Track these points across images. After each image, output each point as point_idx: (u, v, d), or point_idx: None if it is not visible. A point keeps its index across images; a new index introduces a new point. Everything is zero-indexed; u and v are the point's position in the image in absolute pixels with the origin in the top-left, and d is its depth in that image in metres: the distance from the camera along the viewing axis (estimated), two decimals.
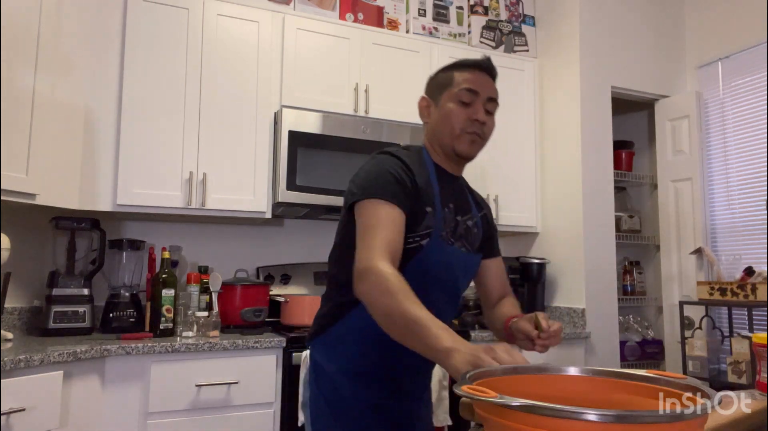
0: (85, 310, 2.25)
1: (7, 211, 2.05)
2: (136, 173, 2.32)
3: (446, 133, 1.28)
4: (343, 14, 2.93)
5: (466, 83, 1.26)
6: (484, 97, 1.27)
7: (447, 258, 1.25)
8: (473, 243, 1.34)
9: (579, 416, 0.51)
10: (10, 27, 1.86)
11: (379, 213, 1.15)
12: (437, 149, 1.33)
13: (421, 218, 1.21)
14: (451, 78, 1.29)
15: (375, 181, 1.19)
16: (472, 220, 1.35)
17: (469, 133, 1.26)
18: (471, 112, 1.26)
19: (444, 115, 1.28)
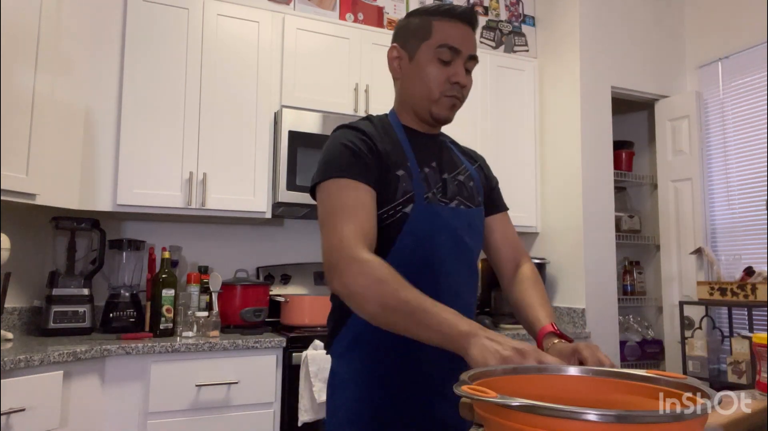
0: (85, 310, 2.25)
1: (7, 210, 2.05)
2: (136, 173, 2.32)
3: (423, 95, 1.13)
4: (343, 14, 2.93)
5: (449, 39, 1.10)
6: (466, 55, 1.12)
7: (444, 220, 1.11)
8: (472, 198, 1.20)
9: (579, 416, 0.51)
10: (10, 27, 1.86)
11: (342, 194, 1.03)
12: (408, 111, 1.18)
13: (394, 184, 1.08)
14: (429, 28, 1.12)
15: (331, 159, 1.07)
16: (464, 174, 1.21)
17: (449, 96, 1.13)
18: (451, 72, 1.11)
19: (420, 74, 1.12)
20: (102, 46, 2.33)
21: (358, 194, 1.03)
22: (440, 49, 1.10)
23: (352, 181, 1.04)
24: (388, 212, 1.08)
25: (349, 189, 1.03)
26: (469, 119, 2.90)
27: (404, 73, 1.16)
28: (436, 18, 1.12)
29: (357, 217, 1.00)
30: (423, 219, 1.09)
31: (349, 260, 0.94)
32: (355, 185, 1.04)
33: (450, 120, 1.18)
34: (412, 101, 1.17)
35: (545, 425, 0.53)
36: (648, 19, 3.22)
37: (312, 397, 2.08)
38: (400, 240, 1.07)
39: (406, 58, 1.15)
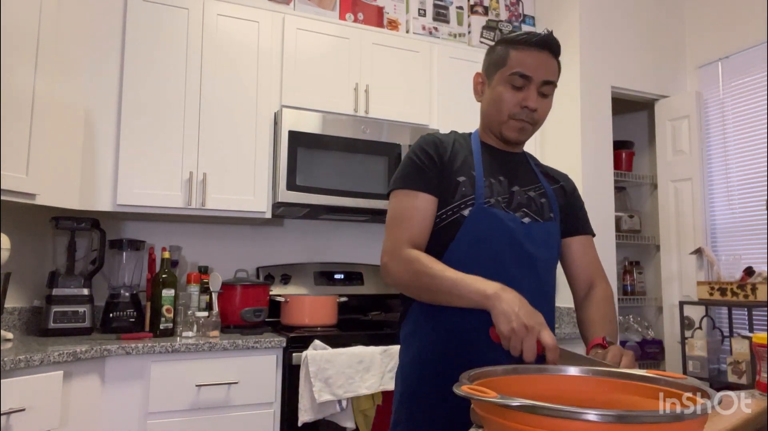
0: (85, 310, 2.25)
1: (7, 210, 2.05)
2: (136, 173, 2.32)
3: (494, 117, 1.24)
4: (343, 14, 2.93)
5: (520, 66, 1.19)
6: (539, 81, 1.20)
7: (503, 224, 1.18)
8: (541, 212, 1.25)
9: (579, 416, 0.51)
10: (10, 27, 1.86)
11: (402, 204, 1.19)
12: (486, 130, 1.30)
13: (454, 188, 1.19)
14: (505, 57, 1.22)
15: (400, 171, 1.23)
16: (537, 191, 1.27)
17: (518, 120, 1.22)
18: (522, 97, 1.20)
19: (494, 98, 1.23)
20: (102, 46, 2.33)
21: (415, 202, 1.18)
22: (512, 76, 1.20)
23: (411, 191, 1.19)
24: (447, 213, 1.19)
25: (408, 198, 1.19)
26: (468, 119, 2.89)
27: (484, 96, 1.28)
28: (513, 46, 1.22)
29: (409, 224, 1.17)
30: (480, 221, 1.17)
31: (394, 258, 1.14)
32: (414, 194, 1.19)
33: (521, 142, 1.27)
34: (487, 122, 1.28)
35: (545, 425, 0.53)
36: (648, 19, 3.22)
37: (312, 397, 2.08)
38: (457, 240, 1.17)
39: (486, 84, 1.27)
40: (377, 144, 2.64)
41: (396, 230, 1.17)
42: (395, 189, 1.22)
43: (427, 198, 1.19)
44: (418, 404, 1.18)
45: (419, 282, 1.11)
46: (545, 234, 1.24)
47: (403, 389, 1.23)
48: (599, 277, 1.33)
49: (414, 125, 2.78)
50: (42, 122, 1.99)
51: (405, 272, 1.12)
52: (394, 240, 1.16)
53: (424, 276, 1.09)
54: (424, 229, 1.18)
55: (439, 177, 1.20)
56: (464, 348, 1.15)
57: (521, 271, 1.18)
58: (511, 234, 1.18)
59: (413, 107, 2.84)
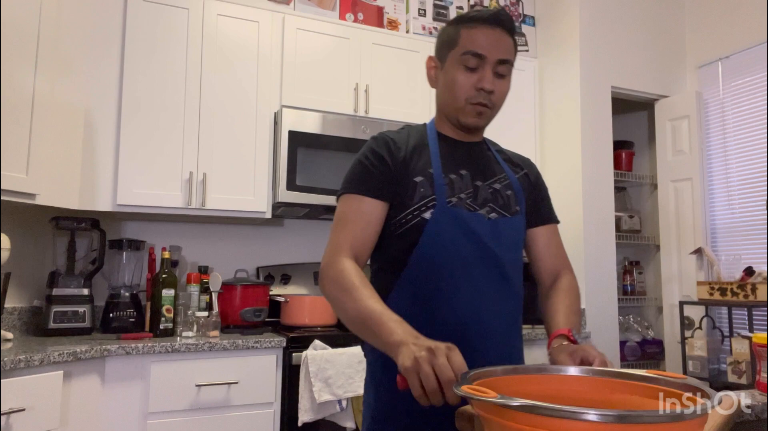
0: (85, 310, 2.25)
1: (7, 211, 2.05)
2: (136, 173, 2.32)
3: (449, 103, 1.16)
4: (343, 14, 2.93)
5: (473, 45, 1.11)
6: (493, 60, 1.11)
7: (467, 225, 1.10)
8: (508, 206, 1.17)
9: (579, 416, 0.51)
10: (10, 27, 1.86)
11: (346, 208, 1.11)
12: (443, 119, 1.21)
13: (412, 190, 1.11)
14: (456, 36, 1.13)
15: (348, 175, 1.15)
16: (502, 182, 1.19)
17: (474, 104, 1.13)
18: (477, 79, 1.11)
19: (448, 82, 1.14)
20: (102, 46, 2.33)
21: (360, 206, 1.10)
22: (464, 56, 1.11)
23: (357, 195, 1.10)
24: (407, 217, 1.11)
25: (353, 202, 1.10)
26: None
27: (438, 82, 1.19)
28: (463, 25, 1.13)
29: (351, 229, 1.08)
30: (442, 223, 1.09)
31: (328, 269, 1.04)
32: (360, 199, 1.10)
33: (480, 127, 1.19)
34: (443, 109, 1.20)
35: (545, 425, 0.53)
36: (648, 19, 3.22)
37: (312, 397, 2.08)
38: (420, 245, 1.09)
39: (439, 68, 1.18)
40: None
41: (337, 234, 1.08)
42: (342, 194, 1.13)
43: (373, 203, 1.10)
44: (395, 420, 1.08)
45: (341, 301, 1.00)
46: (512, 230, 1.17)
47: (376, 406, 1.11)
48: (565, 267, 1.27)
49: None
50: (42, 122, 1.99)
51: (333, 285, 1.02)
52: (333, 245, 1.07)
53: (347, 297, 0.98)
54: (368, 236, 1.10)
55: (391, 180, 1.12)
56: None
57: (488, 274, 1.11)
58: (477, 237, 1.10)
59: (413, 107, 2.84)
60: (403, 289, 1.10)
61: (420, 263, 1.09)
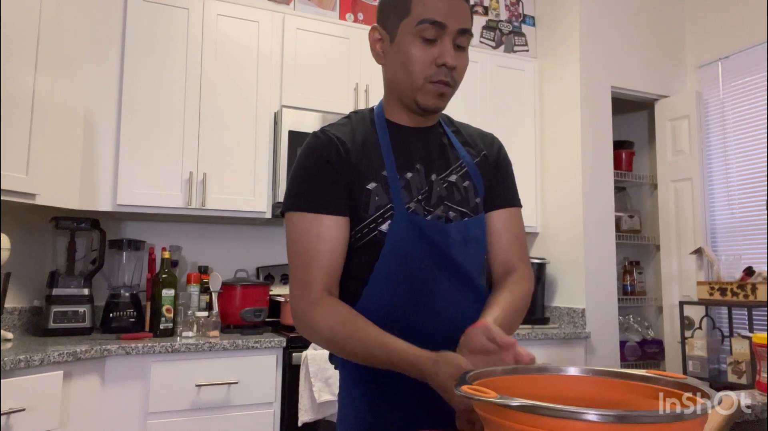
0: (85, 310, 2.25)
1: (7, 210, 2.05)
2: (136, 173, 2.32)
3: (405, 82, 0.97)
4: (343, 14, 2.93)
5: (431, 12, 0.93)
6: (454, 30, 0.94)
7: (425, 237, 0.97)
8: (466, 201, 1.04)
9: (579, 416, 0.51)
10: (10, 27, 1.86)
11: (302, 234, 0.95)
12: (394, 101, 1.03)
13: (365, 200, 0.97)
14: (408, 3, 0.95)
15: (293, 187, 0.99)
16: (458, 172, 1.05)
17: (435, 82, 0.96)
18: (437, 52, 0.94)
19: (402, 58, 0.96)
20: (102, 46, 2.33)
21: (319, 230, 0.95)
22: (421, 25, 0.93)
23: (310, 214, 0.95)
24: (362, 231, 0.97)
25: (309, 224, 0.95)
26: (468, 119, 2.89)
27: (386, 57, 1.00)
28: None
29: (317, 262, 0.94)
30: (401, 236, 0.96)
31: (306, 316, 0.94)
32: (316, 219, 0.95)
33: (440, 109, 1.01)
34: (396, 90, 1.01)
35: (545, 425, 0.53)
36: (648, 19, 3.22)
37: (312, 397, 2.08)
38: (382, 259, 0.96)
39: (387, 40, 1.00)
40: None
41: (304, 272, 0.95)
42: (292, 210, 0.97)
43: (333, 221, 0.95)
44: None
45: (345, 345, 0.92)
46: (475, 230, 1.04)
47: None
48: (519, 259, 1.09)
49: None
50: (42, 122, 1.99)
51: (328, 329, 0.92)
52: (304, 287, 0.94)
53: (352, 341, 0.90)
54: (336, 263, 0.96)
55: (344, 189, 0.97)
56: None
57: (455, 285, 1.01)
58: (437, 247, 0.98)
59: None
60: (370, 303, 0.98)
61: (381, 280, 0.97)
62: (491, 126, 1.20)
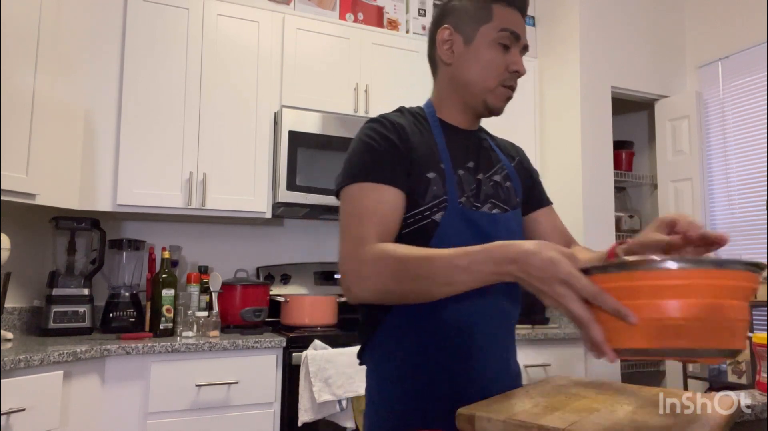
0: (85, 310, 2.25)
1: (7, 210, 2.05)
2: (136, 173, 2.32)
3: (479, 82, 1.04)
4: (343, 14, 2.93)
5: (509, 23, 1.03)
6: (522, 44, 1.06)
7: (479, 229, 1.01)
8: (508, 200, 1.10)
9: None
10: (10, 27, 1.86)
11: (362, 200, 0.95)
12: (454, 99, 1.09)
13: (424, 187, 1.00)
14: (489, 11, 1.04)
15: (353, 160, 1.00)
16: (501, 173, 1.12)
17: (506, 86, 1.06)
18: (510, 60, 1.04)
19: (479, 59, 1.04)
20: (102, 46, 2.33)
21: (379, 195, 0.95)
22: (502, 32, 1.03)
23: (374, 184, 0.96)
24: (415, 217, 1.00)
25: (371, 192, 0.95)
26: None
27: (457, 57, 1.06)
28: (495, 2, 1.04)
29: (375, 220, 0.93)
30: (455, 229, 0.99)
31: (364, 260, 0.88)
32: (379, 188, 0.96)
33: (501, 112, 1.09)
34: (463, 89, 1.07)
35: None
36: (648, 19, 3.22)
37: (312, 397, 2.08)
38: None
39: (460, 42, 1.06)
40: None
41: (357, 228, 0.92)
42: (351, 183, 0.97)
43: (392, 191, 0.96)
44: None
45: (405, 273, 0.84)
46: (515, 224, 1.10)
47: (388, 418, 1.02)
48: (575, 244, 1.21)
49: None
50: (42, 122, 1.99)
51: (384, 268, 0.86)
52: (355, 240, 0.91)
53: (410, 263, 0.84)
54: (393, 228, 0.96)
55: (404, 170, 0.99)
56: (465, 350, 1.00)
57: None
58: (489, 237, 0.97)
59: None
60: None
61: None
62: (491, 126, 1.21)
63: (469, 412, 0.76)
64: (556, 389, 0.92)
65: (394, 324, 1.02)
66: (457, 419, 0.77)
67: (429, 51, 1.13)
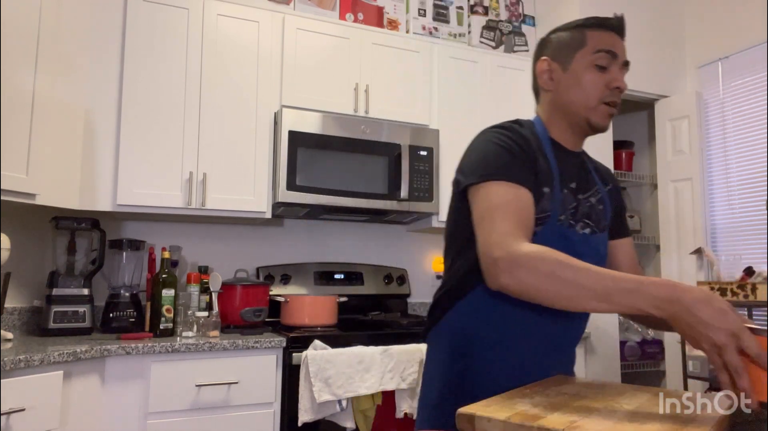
0: (85, 310, 2.25)
1: (7, 210, 2.05)
2: (136, 173, 2.32)
3: (580, 103, 1.12)
4: (343, 14, 2.94)
5: (604, 44, 1.12)
6: (621, 61, 1.13)
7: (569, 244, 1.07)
8: (599, 222, 1.17)
9: None
10: (10, 27, 1.86)
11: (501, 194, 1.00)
12: (560, 121, 1.17)
13: (537, 199, 1.05)
14: (582, 37, 1.13)
15: (490, 159, 1.05)
16: (596, 196, 1.18)
17: (607, 103, 1.12)
18: (609, 78, 1.11)
19: (578, 82, 1.12)
20: (102, 46, 2.33)
21: (518, 193, 1.01)
22: (597, 54, 1.11)
23: (512, 183, 1.01)
24: None
25: (508, 189, 1.01)
26: (468, 119, 2.90)
27: (557, 83, 1.16)
28: (588, 28, 1.14)
29: (517, 214, 0.98)
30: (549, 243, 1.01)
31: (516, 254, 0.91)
32: (518, 188, 1.01)
33: (606, 129, 1.15)
34: (567, 111, 1.15)
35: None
36: (648, 19, 3.22)
37: (312, 397, 2.08)
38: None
39: (559, 69, 1.16)
40: (377, 144, 2.64)
41: (504, 222, 0.96)
42: (491, 180, 1.02)
43: (529, 195, 1.02)
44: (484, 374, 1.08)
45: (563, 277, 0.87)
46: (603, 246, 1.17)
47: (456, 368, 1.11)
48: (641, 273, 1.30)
49: (414, 125, 2.78)
50: (42, 122, 1.99)
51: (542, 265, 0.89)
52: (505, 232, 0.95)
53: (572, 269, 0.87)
54: (531, 228, 1.01)
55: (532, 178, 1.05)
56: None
57: None
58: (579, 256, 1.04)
59: (413, 107, 2.84)
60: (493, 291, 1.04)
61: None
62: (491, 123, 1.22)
63: (469, 412, 0.76)
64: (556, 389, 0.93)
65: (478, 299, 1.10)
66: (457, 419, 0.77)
67: (533, 83, 1.25)
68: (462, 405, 0.83)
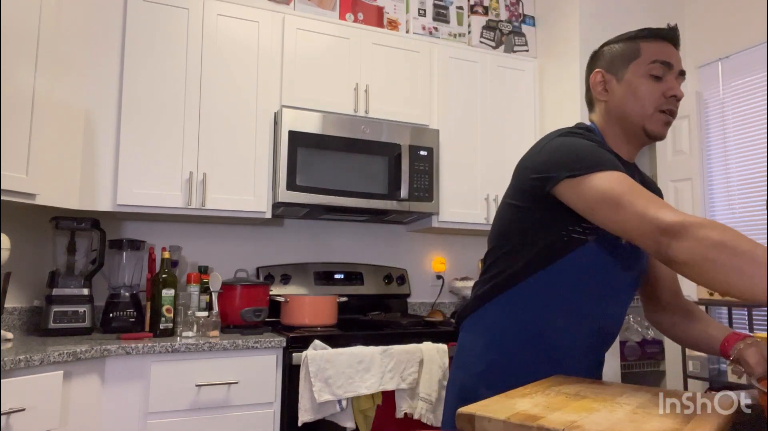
0: (85, 310, 2.25)
1: (7, 211, 2.05)
2: (136, 173, 2.32)
3: (636, 112, 1.14)
4: (343, 14, 2.93)
5: (659, 55, 1.13)
6: (677, 71, 1.15)
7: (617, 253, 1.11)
8: None
9: None
10: (10, 27, 1.86)
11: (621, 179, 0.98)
12: (616, 131, 1.19)
13: None
14: (637, 49, 1.15)
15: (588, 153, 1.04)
16: None
17: (664, 111, 1.14)
18: (665, 87, 1.13)
19: (633, 91, 1.14)
20: (102, 46, 2.33)
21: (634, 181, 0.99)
22: (652, 64, 1.13)
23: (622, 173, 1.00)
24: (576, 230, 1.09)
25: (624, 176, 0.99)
26: (468, 119, 2.90)
27: (612, 94, 1.18)
28: (642, 39, 1.15)
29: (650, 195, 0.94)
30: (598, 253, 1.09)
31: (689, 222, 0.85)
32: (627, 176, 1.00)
33: (664, 137, 1.18)
34: (623, 121, 1.17)
35: None
36: (648, 19, 3.22)
37: (312, 397, 2.08)
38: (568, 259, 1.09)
39: (613, 80, 1.17)
40: (377, 144, 2.64)
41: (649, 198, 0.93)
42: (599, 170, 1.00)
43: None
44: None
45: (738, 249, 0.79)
46: (644, 259, 1.20)
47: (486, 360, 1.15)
48: (679, 289, 1.35)
49: (414, 125, 2.78)
50: (42, 122, 1.99)
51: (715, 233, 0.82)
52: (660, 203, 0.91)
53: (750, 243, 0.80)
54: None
55: None
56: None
57: (617, 306, 1.20)
58: (620, 271, 1.13)
59: (413, 107, 2.84)
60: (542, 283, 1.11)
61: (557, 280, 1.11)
62: (491, 126, 1.22)
63: (469, 412, 0.76)
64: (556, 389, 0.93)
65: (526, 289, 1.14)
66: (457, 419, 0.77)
67: (586, 95, 1.25)
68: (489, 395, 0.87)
